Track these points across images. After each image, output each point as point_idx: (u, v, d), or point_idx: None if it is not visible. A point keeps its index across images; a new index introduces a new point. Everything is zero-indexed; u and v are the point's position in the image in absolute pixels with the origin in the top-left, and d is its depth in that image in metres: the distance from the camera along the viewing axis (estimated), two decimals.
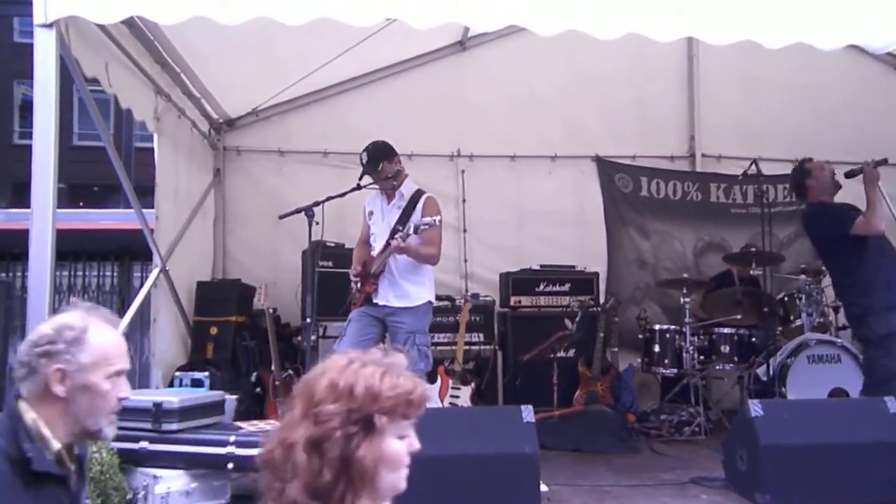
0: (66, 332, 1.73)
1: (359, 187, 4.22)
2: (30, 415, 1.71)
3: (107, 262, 8.91)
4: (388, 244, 4.12)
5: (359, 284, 4.28)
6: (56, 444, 1.72)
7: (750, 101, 6.62)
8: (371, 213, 4.41)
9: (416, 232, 3.94)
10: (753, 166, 5.54)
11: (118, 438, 3.01)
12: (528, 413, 3.24)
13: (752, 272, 5.54)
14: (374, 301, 4.20)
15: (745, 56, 5.98)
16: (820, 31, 3.34)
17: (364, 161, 4.25)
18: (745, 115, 6.64)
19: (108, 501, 2.59)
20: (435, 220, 3.91)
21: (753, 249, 5.62)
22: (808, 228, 4.57)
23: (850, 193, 4.46)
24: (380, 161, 4.23)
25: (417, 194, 4.31)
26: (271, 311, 5.30)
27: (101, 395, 1.74)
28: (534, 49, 5.59)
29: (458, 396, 5.39)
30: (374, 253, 4.27)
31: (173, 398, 3.36)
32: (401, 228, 4.07)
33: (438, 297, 5.89)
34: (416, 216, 4.15)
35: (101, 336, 1.76)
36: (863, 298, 4.19)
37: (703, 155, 6.88)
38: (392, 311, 4.17)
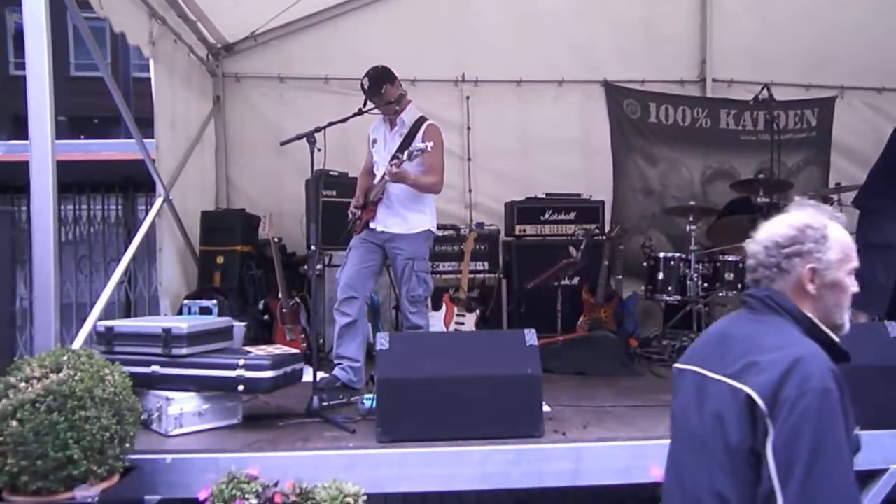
0: (810, 232, 1.78)
1: (360, 112, 4.13)
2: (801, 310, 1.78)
3: (111, 194, 8.89)
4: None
5: (359, 213, 4.25)
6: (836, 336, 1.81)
7: (762, 25, 6.46)
8: (375, 141, 4.35)
9: (409, 158, 3.88)
10: (765, 91, 5.42)
11: (129, 363, 3.10)
12: (531, 336, 3.27)
13: (759, 199, 5.49)
14: (373, 227, 4.19)
15: None
16: None
17: (365, 86, 4.16)
18: (759, 39, 6.48)
19: (122, 421, 2.64)
20: (427, 146, 3.82)
21: (762, 177, 5.56)
22: None
23: None
24: (382, 84, 4.13)
25: (420, 121, 4.23)
26: (277, 240, 5.31)
27: (845, 291, 1.81)
28: None
29: (462, 324, 5.45)
30: (376, 181, 4.24)
31: (182, 324, 3.40)
32: (400, 156, 4.01)
33: (443, 227, 5.93)
34: (416, 143, 4.08)
35: (840, 233, 1.81)
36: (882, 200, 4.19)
37: (714, 80, 6.74)
38: (390, 237, 4.15)
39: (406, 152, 3.91)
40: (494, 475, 3.04)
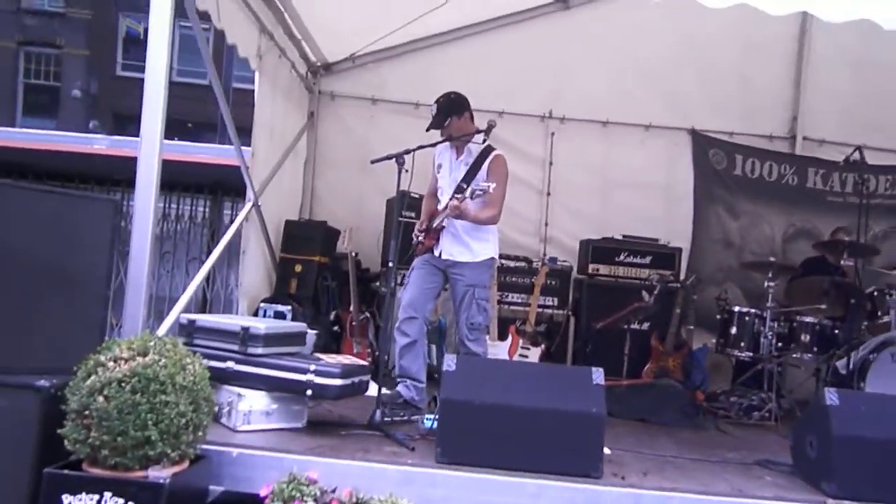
0: None
1: (451, 139, 4.22)
2: None
3: (199, 196, 9.29)
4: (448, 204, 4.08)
5: (421, 237, 4.28)
6: None
7: (861, 86, 6.32)
8: (440, 167, 4.35)
9: (471, 197, 3.87)
10: (857, 154, 5.29)
11: (207, 357, 3.24)
12: (598, 375, 3.26)
13: (843, 262, 5.34)
14: (436, 253, 4.22)
15: (860, 37, 5.70)
16: None
17: (432, 113, 4.19)
18: (854, 100, 6.34)
19: (198, 409, 2.76)
20: (489, 187, 3.80)
21: (847, 239, 5.41)
22: None
23: None
24: (447, 116, 4.14)
25: (487, 151, 4.19)
26: (354, 254, 5.45)
27: None
28: (639, 13, 5.48)
29: (526, 356, 5.44)
30: (440, 207, 4.24)
31: (260, 324, 3.54)
32: (465, 186, 4.02)
33: (515, 258, 5.98)
34: (481, 174, 4.09)
35: None
36: None
37: (805, 138, 6.62)
38: (453, 263, 4.17)
39: (469, 190, 3.90)
40: None
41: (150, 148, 3.57)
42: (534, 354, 5.42)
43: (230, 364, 3.46)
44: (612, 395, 4.74)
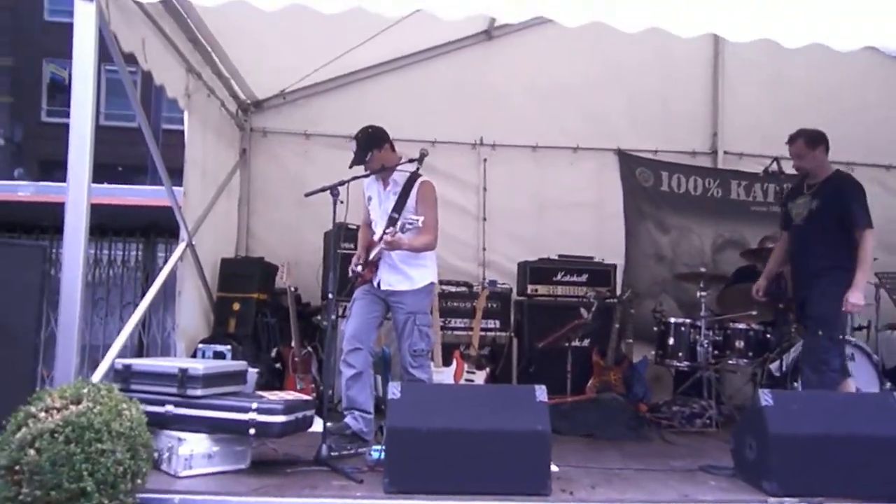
0: None
1: (383, 169, 4.24)
2: None
3: (132, 239, 9.07)
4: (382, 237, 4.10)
5: (359, 269, 4.28)
6: None
7: (774, 100, 6.63)
8: (370, 199, 4.37)
9: (402, 231, 3.91)
10: (775, 164, 5.56)
11: (144, 402, 3.16)
12: (541, 393, 3.31)
13: None
14: (375, 284, 4.22)
15: (770, 55, 5.95)
16: (837, 31, 3.36)
17: (354, 149, 4.22)
18: (769, 113, 6.64)
19: (136, 456, 2.69)
20: (419, 221, 3.84)
21: (771, 246, 5.64)
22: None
23: None
24: (369, 150, 4.16)
25: (413, 178, 4.22)
26: (293, 289, 5.41)
27: None
28: (560, 40, 5.59)
29: (472, 381, 5.46)
30: (375, 238, 4.26)
31: (198, 365, 3.47)
32: (396, 217, 4.07)
33: (455, 283, 6.03)
34: (410, 202, 4.14)
35: None
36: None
37: (726, 152, 6.92)
38: (392, 292, 4.18)
39: (399, 224, 3.95)
40: None
41: (78, 192, 3.49)
42: (479, 378, 5.45)
43: (169, 408, 3.38)
44: (558, 412, 4.80)
